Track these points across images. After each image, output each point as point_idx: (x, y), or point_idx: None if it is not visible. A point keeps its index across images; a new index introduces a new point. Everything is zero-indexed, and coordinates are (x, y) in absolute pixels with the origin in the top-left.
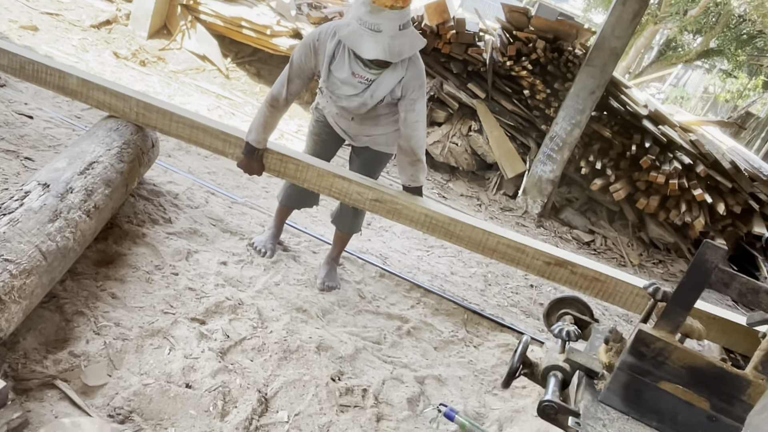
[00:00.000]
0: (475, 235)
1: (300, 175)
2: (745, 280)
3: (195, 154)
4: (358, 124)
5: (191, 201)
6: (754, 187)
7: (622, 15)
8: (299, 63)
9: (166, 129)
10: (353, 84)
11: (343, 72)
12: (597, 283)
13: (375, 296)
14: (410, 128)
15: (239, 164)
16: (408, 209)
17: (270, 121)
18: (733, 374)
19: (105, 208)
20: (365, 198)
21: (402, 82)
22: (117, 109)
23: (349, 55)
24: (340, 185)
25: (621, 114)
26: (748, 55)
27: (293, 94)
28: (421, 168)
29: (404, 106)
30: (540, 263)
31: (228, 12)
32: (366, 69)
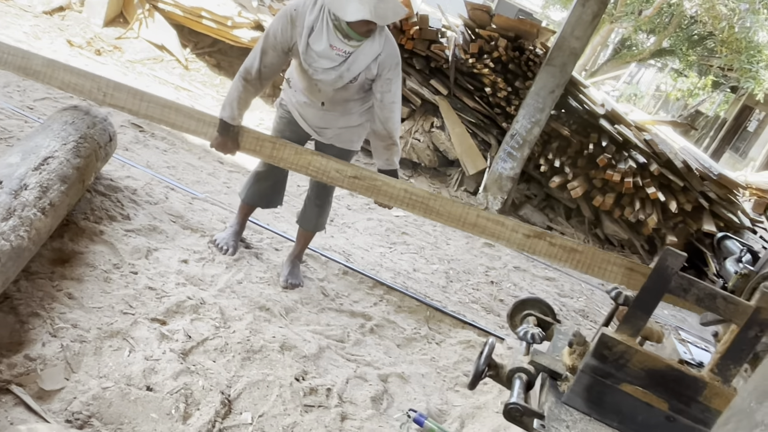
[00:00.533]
0: (455, 210)
1: (277, 154)
2: (702, 286)
3: (153, 147)
4: (328, 111)
5: (150, 197)
6: (705, 186)
7: (581, 16)
8: (275, 34)
9: (135, 109)
10: (331, 57)
11: (321, 44)
12: (575, 254)
13: (338, 294)
14: (387, 110)
15: (213, 143)
16: (387, 185)
17: (243, 97)
18: (690, 376)
19: (61, 205)
20: (344, 175)
21: (378, 60)
22: (84, 90)
23: (327, 27)
24: (318, 163)
25: (579, 113)
26: (699, 55)
27: (267, 67)
28: (396, 151)
29: (380, 86)
30: (520, 236)
31: (188, 1)
32: (344, 41)
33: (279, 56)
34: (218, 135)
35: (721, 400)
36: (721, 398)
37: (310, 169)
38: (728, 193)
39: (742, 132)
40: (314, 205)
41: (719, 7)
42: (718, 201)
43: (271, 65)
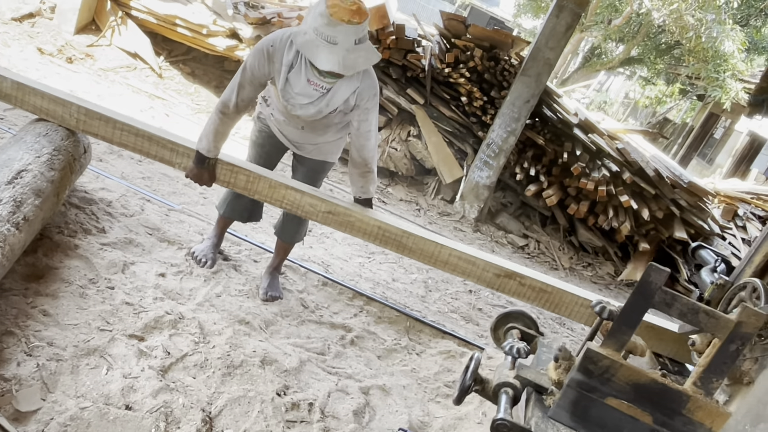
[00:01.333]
0: (428, 248)
1: (251, 187)
2: (685, 301)
3: (128, 158)
4: (308, 133)
5: (126, 209)
6: (675, 193)
7: (555, 27)
8: (252, 69)
9: (109, 137)
10: (309, 93)
11: (300, 81)
12: (544, 294)
13: (318, 305)
14: (363, 138)
15: (188, 174)
16: (361, 222)
17: (221, 130)
18: (674, 390)
19: (35, 219)
20: (318, 210)
21: (357, 92)
22: (56, 116)
23: (305, 64)
24: (293, 197)
25: (553, 122)
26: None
27: (245, 101)
28: (371, 179)
29: (357, 115)
30: (490, 275)
31: (161, 9)
32: (321, 78)
33: (256, 89)
34: (194, 166)
35: (704, 412)
36: (704, 411)
37: (284, 202)
38: (698, 200)
39: (709, 139)
40: (293, 215)
41: (687, 18)
42: (688, 208)
43: (248, 98)
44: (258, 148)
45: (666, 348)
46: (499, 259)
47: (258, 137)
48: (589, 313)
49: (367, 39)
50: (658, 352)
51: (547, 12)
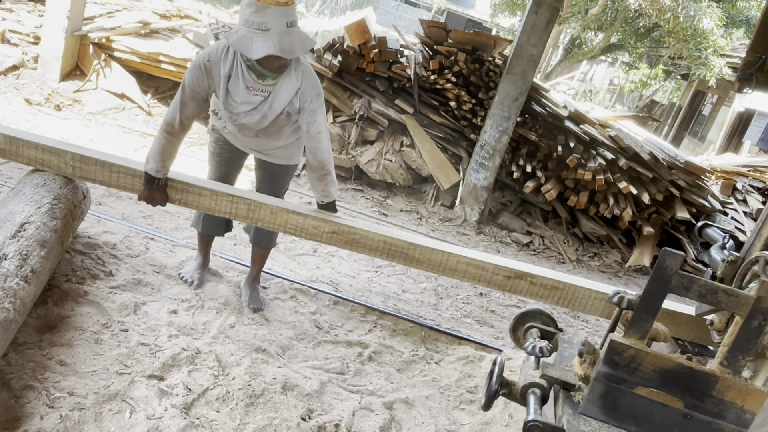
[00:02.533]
0: (435, 258)
1: (253, 215)
2: (703, 283)
3: (126, 198)
4: (263, 139)
5: (130, 249)
6: (673, 174)
7: (535, 23)
8: (191, 86)
9: (106, 181)
10: (250, 100)
11: (239, 89)
12: (556, 291)
13: (332, 325)
14: (314, 140)
15: (140, 197)
16: (366, 238)
17: (167, 149)
18: (702, 372)
19: (42, 270)
20: (322, 231)
21: (299, 93)
22: (51, 165)
23: (242, 71)
24: (295, 221)
25: (544, 117)
26: (647, 47)
27: (189, 118)
28: (330, 181)
29: (305, 118)
30: (500, 278)
31: (144, 48)
32: (260, 81)
33: (198, 105)
34: (144, 189)
35: (735, 392)
36: (734, 390)
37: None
38: (696, 179)
39: (698, 116)
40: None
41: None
42: (687, 188)
43: (192, 115)
44: (218, 158)
45: (683, 332)
46: (508, 261)
47: (215, 148)
48: (604, 305)
49: (297, 23)
50: (676, 336)
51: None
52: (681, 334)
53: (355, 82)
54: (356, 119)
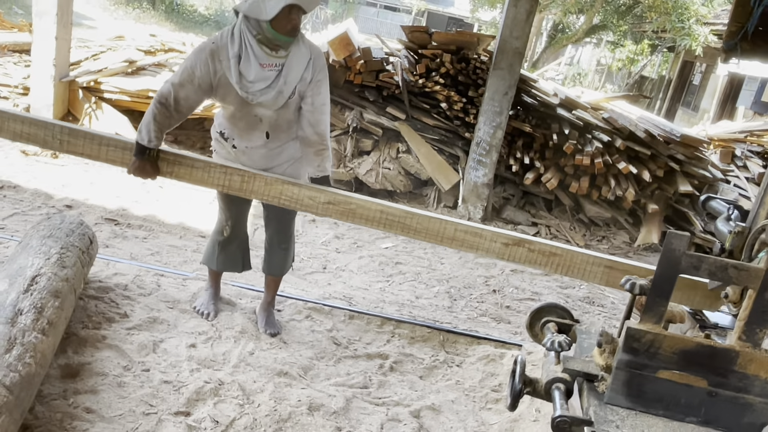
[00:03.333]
0: (432, 226)
1: (246, 187)
2: (712, 260)
3: (132, 238)
4: (272, 144)
5: (142, 288)
6: (671, 149)
7: (516, 16)
8: (193, 68)
9: (95, 155)
10: (265, 76)
11: (252, 68)
12: (554, 257)
13: (350, 340)
14: (318, 112)
15: (130, 170)
16: (363, 208)
17: (159, 119)
18: (722, 349)
19: (59, 321)
20: (318, 202)
21: (311, 63)
22: (38, 139)
23: (253, 49)
24: (290, 192)
25: (536, 107)
26: (630, 24)
27: (183, 100)
28: (327, 156)
29: (311, 89)
30: (498, 245)
31: (133, 86)
32: (273, 54)
33: (195, 91)
34: (135, 159)
35: (757, 364)
36: (756, 363)
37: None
38: (694, 151)
39: (689, 87)
40: (279, 249)
41: None
42: (687, 161)
43: (185, 98)
44: (220, 196)
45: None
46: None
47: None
48: (602, 271)
49: None
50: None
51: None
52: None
53: (344, 95)
54: (350, 132)
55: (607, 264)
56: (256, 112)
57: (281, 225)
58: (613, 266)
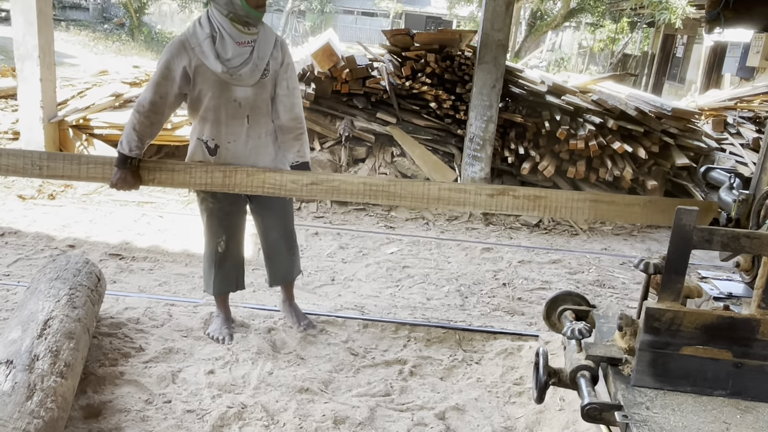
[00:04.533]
0: (416, 190)
1: (229, 181)
2: (723, 232)
3: (138, 270)
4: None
5: (154, 320)
6: (663, 124)
7: (496, 9)
8: (168, 64)
9: (75, 175)
10: (241, 52)
11: (228, 46)
12: (540, 200)
13: (366, 349)
14: (292, 96)
15: (112, 182)
16: (346, 183)
17: (139, 129)
18: (742, 319)
19: (75, 362)
20: (301, 185)
21: (278, 43)
22: (17, 168)
23: (226, 30)
24: (273, 179)
25: (524, 97)
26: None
27: (162, 98)
28: (305, 140)
29: (283, 72)
30: (484, 197)
31: (121, 119)
32: (245, 30)
33: (172, 86)
34: (117, 170)
35: None
36: None
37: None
38: (687, 123)
39: (673, 59)
40: (287, 253)
41: None
42: (680, 134)
43: (164, 95)
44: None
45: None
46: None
47: (203, 204)
48: (588, 205)
49: None
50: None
51: None
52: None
53: (333, 105)
54: (343, 141)
55: (592, 198)
56: (236, 96)
57: (284, 227)
58: (598, 199)
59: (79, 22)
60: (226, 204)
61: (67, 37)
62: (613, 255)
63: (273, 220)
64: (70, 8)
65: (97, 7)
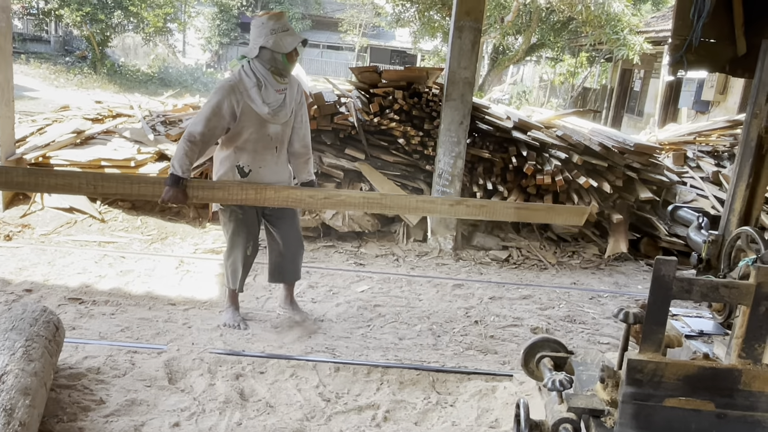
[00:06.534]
0: (401, 202)
1: (260, 196)
2: (702, 282)
3: (99, 315)
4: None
5: (116, 369)
6: (626, 158)
7: (462, 47)
8: (219, 104)
9: (128, 193)
10: (278, 98)
11: (270, 93)
12: (483, 208)
13: (338, 394)
14: (304, 127)
15: (165, 197)
16: (350, 197)
17: (190, 155)
18: (724, 369)
19: (31, 420)
20: (317, 198)
21: (299, 87)
22: (72, 187)
23: (267, 79)
24: (295, 195)
25: (491, 133)
26: (566, 39)
27: (210, 130)
28: (312, 161)
29: (299, 108)
30: (446, 206)
31: (83, 156)
32: (280, 81)
33: (221, 122)
34: (169, 188)
35: (761, 381)
36: (760, 379)
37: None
38: (649, 158)
39: (631, 93)
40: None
41: None
42: (643, 168)
43: (213, 128)
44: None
45: None
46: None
47: (232, 216)
48: (513, 211)
49: None
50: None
51: (441, 30)
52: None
53: None
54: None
55: (515, 206)
56: (269, 132)
57: (297, 232)
58: (519, 206)
59: (39, 54)
60: (251, 215)
61: (27, 70)
62: (582, 289)
63: (289, 227)
64: (30, 41)
65: (59, 40)
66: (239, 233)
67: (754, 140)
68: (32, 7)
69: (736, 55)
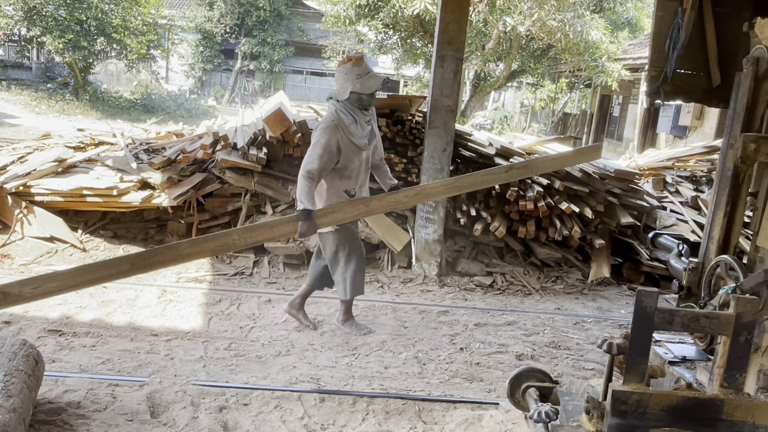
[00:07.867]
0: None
1: (368, 209)
2: (683, 313)
3: (80, 347)
4: (368, 172)
5: (97, 404)
6: (607, 184)
7: (444, 76)
8: (329, 142)
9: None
10: (367, 130)
11: (359, 127)
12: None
13: (323, 425)
14: (379, 143)
15: (302, 231)
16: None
17: (311, 190)
18: (706, 399)
19: None
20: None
21: (375, 116)
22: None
23: (358, 117)
24: (393, 198)
25: (474, 159)
26: (546, 66)
27: (324, 166)
28: (388, 169)
29: (377, 134)
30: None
31: (64, 185)
32: (366, 115)
33: (332, 157)
34: (303, 223)
35: (743, 410)
36: (742, 409)
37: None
38: (629, 183)
39: (610, 118)
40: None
41: (550, 22)
42: (623, 194)
43: (326, 164)
44: (352, 238)
45: None
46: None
47: (345, 233)
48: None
49: None
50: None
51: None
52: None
53: (285, 169)
54: (295, 205)
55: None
56: (362, 156)
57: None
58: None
59: (21, 81)
60: (351, 229)
61: (8, 96)
62: (566, 315)
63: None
64: (12, 67)
65: (41, 67)
66: (355, 245)
67: (730, 170)
68: (14, 33)
69: (711, 85)
